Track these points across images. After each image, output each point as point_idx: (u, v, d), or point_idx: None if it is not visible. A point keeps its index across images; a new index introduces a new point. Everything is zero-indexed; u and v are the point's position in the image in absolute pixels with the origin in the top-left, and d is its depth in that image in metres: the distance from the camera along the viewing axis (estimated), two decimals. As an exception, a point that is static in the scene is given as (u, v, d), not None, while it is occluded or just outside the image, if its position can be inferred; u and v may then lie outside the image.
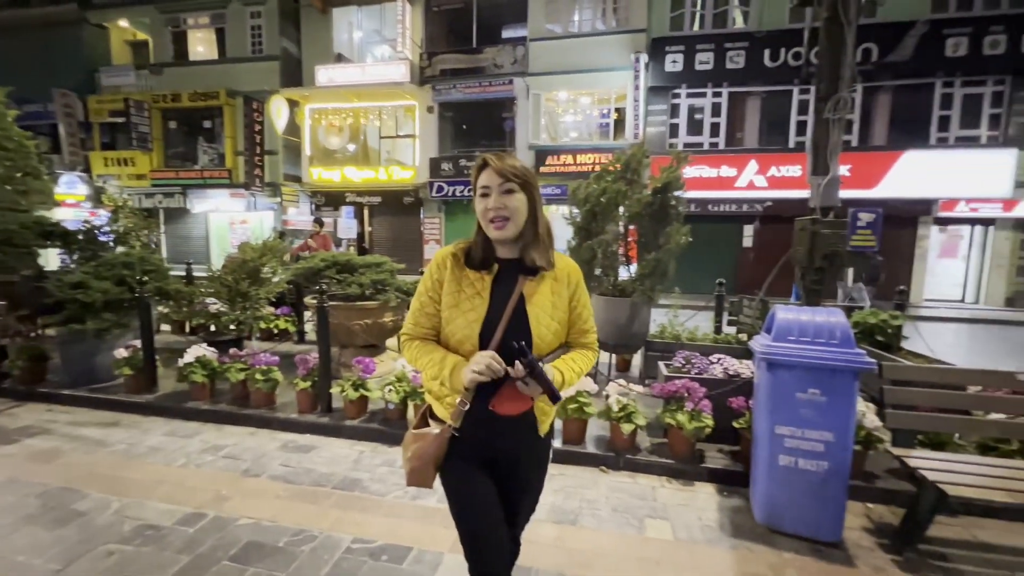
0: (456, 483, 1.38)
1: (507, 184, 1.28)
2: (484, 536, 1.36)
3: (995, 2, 11.34)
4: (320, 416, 3.66)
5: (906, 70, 11.49)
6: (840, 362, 2.32)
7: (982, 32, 11.04)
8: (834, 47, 3.82)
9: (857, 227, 3.67)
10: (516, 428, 1.37)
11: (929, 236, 12.36)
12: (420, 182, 14.22)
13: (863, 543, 2.46)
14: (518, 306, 1.31)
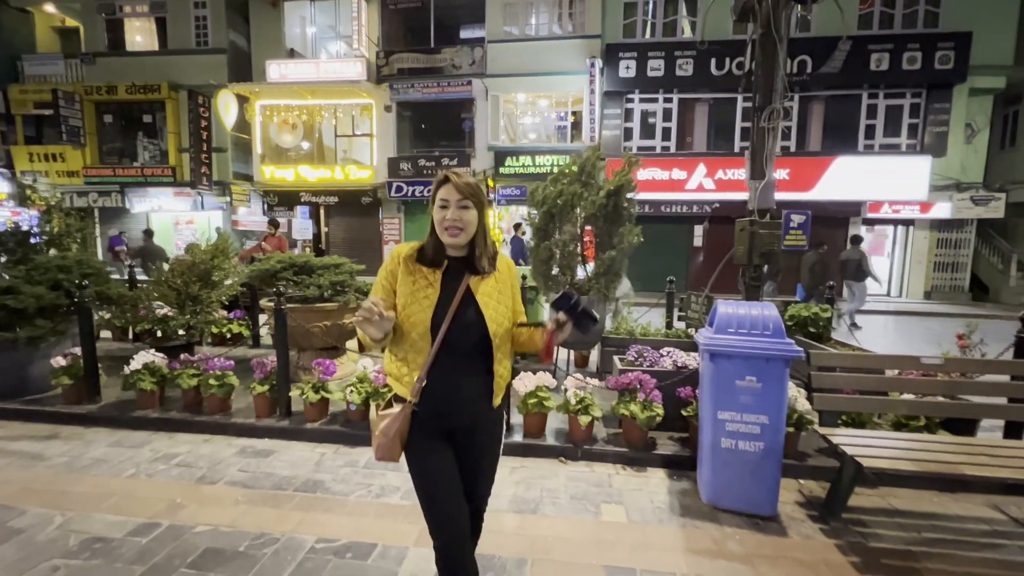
0: (419, 456, 1.55)
1: (464, 201, 1.47)
2: (444, 502, 1.52)
3: (912, 22, 12.43)
4: (279, 420, 3.61)
5: (837, 81, 12.40)
6: (773, 351, 2.55)
7: (901, 48, 12.07)
8: (768, 61, 4.13)
9: (790, 228, 4.00)
10: (472, 400, 1.54)
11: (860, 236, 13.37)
12: (378, 182, 14.00)
13: (795, 515, 2.71)
14: (467, 296, 1.52)
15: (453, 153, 13.76)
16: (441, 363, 1.49)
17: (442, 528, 1.52)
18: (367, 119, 14.34)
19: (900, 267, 13.69)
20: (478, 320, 1.50)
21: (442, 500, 1.52)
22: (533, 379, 3.39)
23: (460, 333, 1.48)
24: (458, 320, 1.49)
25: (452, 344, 1.49)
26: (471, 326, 1.50)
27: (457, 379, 1.51)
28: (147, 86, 14.52)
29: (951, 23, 12.13)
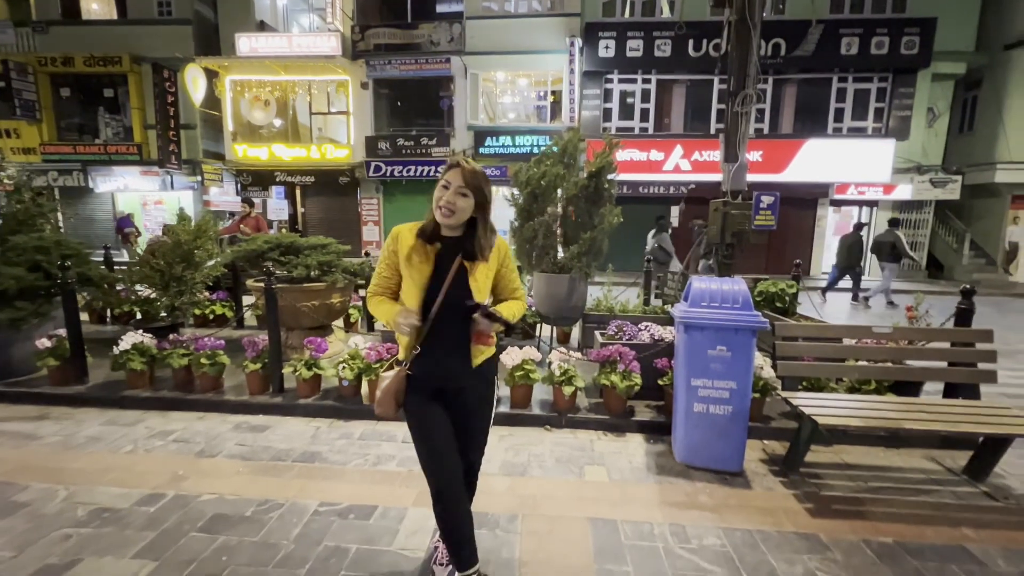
0: (415, 411, 1.76)
1: (464, 188, 1.63)
2: (440, 451, 1.73)
3: (881, 7, 12.76)
4: (272, 396, 3.71)
5: (809, 65, 12.70)
6: (741, 322, 2.77)
7: (870, 33, 12.41)
8: (742, 47, 4.29)
9: (760, 208, 4.23)
10: (455, 364, 1.74)
11: (827, 216, 13.92)
12: (356, 161, 13.79)
13: (759, 471, 2.98)
14: (459, 272, 1.68)
15: (432, 132, 13.63)
16: (433, 331, 1.67)
17: (438, 473, 1.72)
18: (343, 96, 14.02)
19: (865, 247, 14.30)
20: (466, 294, 1.67)
21: (436, 448, 1.72)
22: (519, 353, 3.57)
23: (449, 305, 1.65)
24: (451, 295, 1.66)
25: (442, 315, 1.66)
26: (459, 300, 1.66)
27: (444, 346, 1.70)
28: (107, 58, 13.82)
29: (917, 9, 12.51)
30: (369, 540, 2.28)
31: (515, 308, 1.81)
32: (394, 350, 3.65)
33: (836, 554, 2.24)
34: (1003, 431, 2.61)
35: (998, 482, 2.88)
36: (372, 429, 3.45)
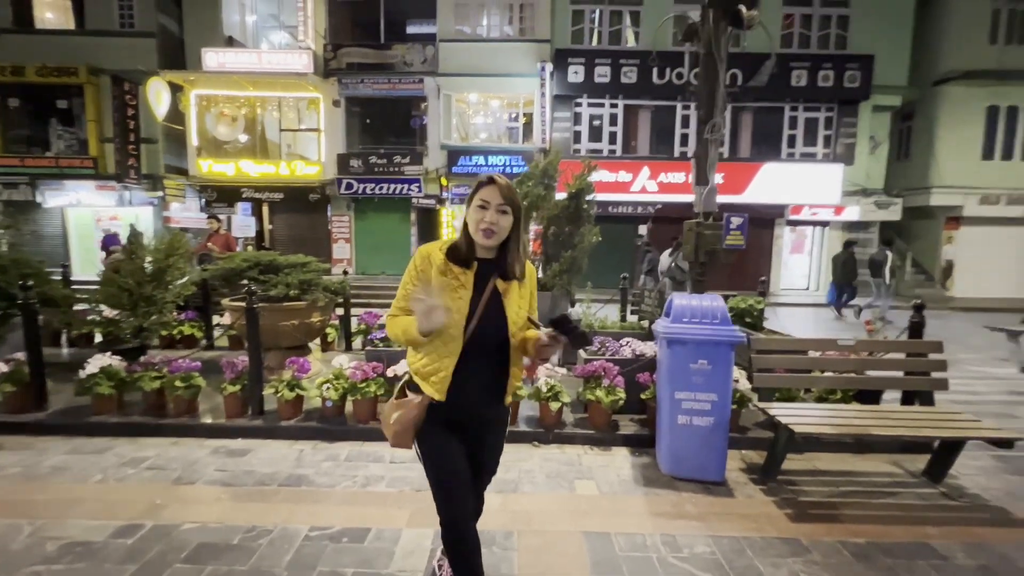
0: (431, 443, 1.64)
1: (504, 205, 1.52)
2: (455, 487, 1.63)
3: (825, 43, 13.83)
4: (252, 419, 3.60)
5: (764, 94, 13.55)
6: (721, 337, 2.93)
7: (817, 67, 13.41)
8: (710, 79, 4.57)
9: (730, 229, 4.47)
10: (488, 397, 1.64)
11: (783, 235, 14.71)
12: (327, 178, 13.64)
13: (739, 480, 3.11)
14: (493, 298, 1.57)
15: (405, 151, 13.69)
16: (465, 363, 1.55)
17: (451, 506, 1.62)
18: (314, 113, 13.91)
19: (817, 264, 15.17)
20: (502, 322, 1.57)
21: (450, 482, 1.62)
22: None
23: (486, 333, 1.55)
24: (485, 321, 1.55)
25: (478, 344, 1.55)
26: (496, 328, 1.56)
27: (478, 377, 1.58)
28: (62, 68, 13.25)
29: (857, 46, 13.62)
30: (365, 563, 2.24)
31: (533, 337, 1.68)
32: (379, 368, 3.63)
33: (816, 556, 2.36)
34: (957, 435, 2.84)
35: (953, 483, 3.11)
36: (358, 450, 3.40)
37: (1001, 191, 13.98)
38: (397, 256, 14.23)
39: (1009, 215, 14.07)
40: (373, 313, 5.70)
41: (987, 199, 14.01)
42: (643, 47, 13.55)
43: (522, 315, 1.63)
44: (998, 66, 13.59)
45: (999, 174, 13.99)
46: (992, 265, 14.19)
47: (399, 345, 1.74)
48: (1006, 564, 2.32)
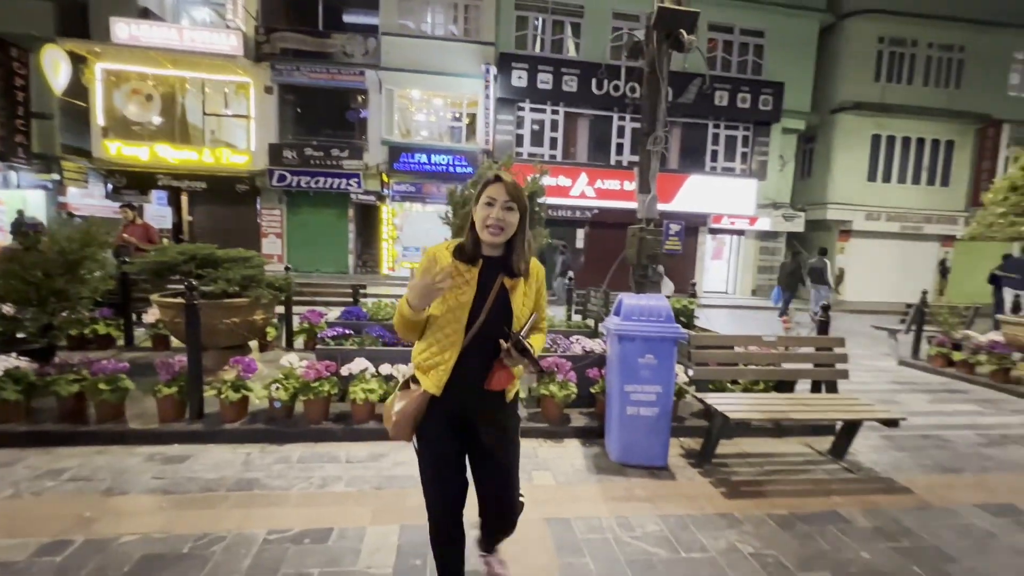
0: (428, 439, 1.65)
1: (510, 202, 1.53)
2: (442, 485, 1.66)
3: (744, 69, 15.18)
4: (191, 423, 3.37)
5: (691, 111, 14.61)
6: (667, 333, 3.19)
7: (736, 90, 14.68)
8: (653, 95, 4.92)
9: (669, 235, 4.85)
10: (493, 395, 1.62)
11: (706, 243, 15.92)
12: (257, 169, 12.82)
13: (680, 464, 3.40)
14: (500, 294, 1.58)
15: (344, 144, 13.20)
16: (468, 358, 1.55)
17: (435, 507, 1.67)
18: (243, 99, 13.02)
19: (735, 270, 16.59)
20: (507, 319, 1.57)
21: (440, 483, 1.65)
22: (463, 367, 3.67)
23: (491, 330, 1.54)
24: (491, 317, 1.55)
25: (482, 340, 1.54)
26: (500, 324, 1.56)
27: (478, 373, 1.57)
28: (-73, 26, 11.34)
29: (770, 74, 15.09)
30: (331, 562, 2.22)
31: (539, 342, 1.69)
32: (332, 367, 3.55)
33: (748, 527, 2.67)
34: (857, 416, 3.31)
35: (852, 459, 3.61)
36: (311, 451, 3.30)
37: (882, 209, 16.10)
38: (333, 253, 13.68)
39: (889, 230, 16.23)
40: (317, 311, 5.50)
41: (871, 215, 16.08)
42: (583, 58, 14.09)
43: (526, 312, 1.63)
44: (881, 100, 15.66)
45: (881, 194, 16.12)
46: (875, 273, 16.29)
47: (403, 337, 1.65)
48: (895, 524, 2.76)
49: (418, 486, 2.91)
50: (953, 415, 4.82)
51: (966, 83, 16.05)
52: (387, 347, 3.92)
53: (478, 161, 13.61)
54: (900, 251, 16.38)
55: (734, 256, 16.57)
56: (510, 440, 1.72)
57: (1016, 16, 15.96)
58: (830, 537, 2.61)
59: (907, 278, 15.92)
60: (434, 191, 13.67)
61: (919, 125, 15.95)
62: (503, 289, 1.59)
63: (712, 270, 16.38)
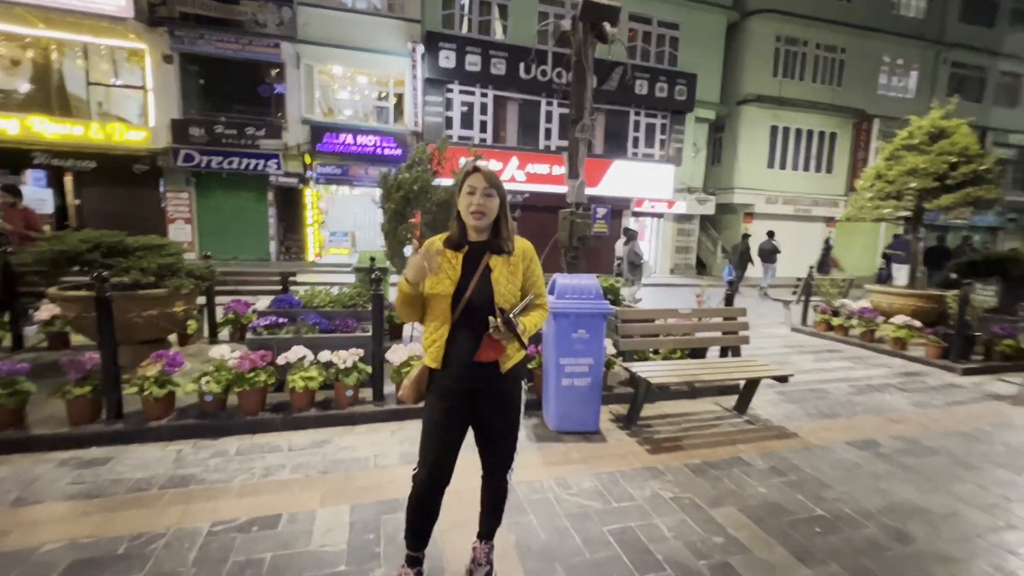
0: (430, 407, 1.82)
1: (489, 189, 1.70)
2: (436, 447, 1.79)
3: (661, 59, 16.02)
4: (109, 424, 3.14)
5: (614, 99, 15.22)
6: (597, 310, 3.46)
7: (655, 80, 15.49)
8: (579, 84, 5.16)
9: (596, 218, 5.16)
10: (484, 368, 1.75)
11: (630, 225, 16.81)
12: (159, 147, 11.58)
13: (610, 428, 3.74)
14: (484, 274, 1.74)
15: (260, 122, 12.27)
16: (459, 334, 1.72)
17: (426, 465, 1.79)
18: (137, 68, 11.63)
19: (655, 250, 17.72)
20: (490, 297, 1.71)
21: (435, 444, 1.78)
22: (405, 350, 3.73)
23: (475, 307, 1.70)
24: (475, 296, 1.71)
25: (468, 318, 1.70)
26: (484, 302, 1.70)
27: (469, 348, 1.71)
28: None
29: (685, 65, 16.06)
30: (283, 546, 2.25)
31: (535, 317, 1.80)
32: (268, 357, 3.47)
33: (669, 476, 3.03)
34: (755, 375, 3.82)
35: (753, 413, 4.16)
36: (250, 443, 3.22)
37: (779, 193, 17.91)
38: (253, 239, 12.80)
39: (784, 212, 18.10)
40: (243, 301, 5.23)
41: (770, 199, 17.83)
42: (511, 41, 14.13)
43: (512, 289, 1.76)
44: (778, 94, 17.28)
45: (778, 180, 17.90)
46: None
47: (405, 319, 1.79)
48: (785, 462, 3.27)
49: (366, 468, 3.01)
50: (831, 371, 5.65)
51: (846, 81, 18.14)
52: (325, 334, 3.87)
53: (407, 143, 13.29)
54: (794, 231, 18.35)
55: (654, 238, 17.68)
56: (508, 412, 1.86)
57: (886, 24, 18.24)
58: (735, 478, 3.04)
59: (800, 255, 17.92)
60: (362, 174, 13.17)
61: (809, 118, 17.83)
62: (488, 269, 1.74)
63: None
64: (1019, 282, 6.65)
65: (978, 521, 2.70)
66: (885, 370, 5.74)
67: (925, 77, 19.34)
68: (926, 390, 5.04)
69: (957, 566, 2.31)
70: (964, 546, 2.47)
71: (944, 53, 19.38)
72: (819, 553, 2.36)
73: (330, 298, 4.41)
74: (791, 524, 2.59)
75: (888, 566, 2.29)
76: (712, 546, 2.38)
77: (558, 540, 2.39)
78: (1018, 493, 3.01)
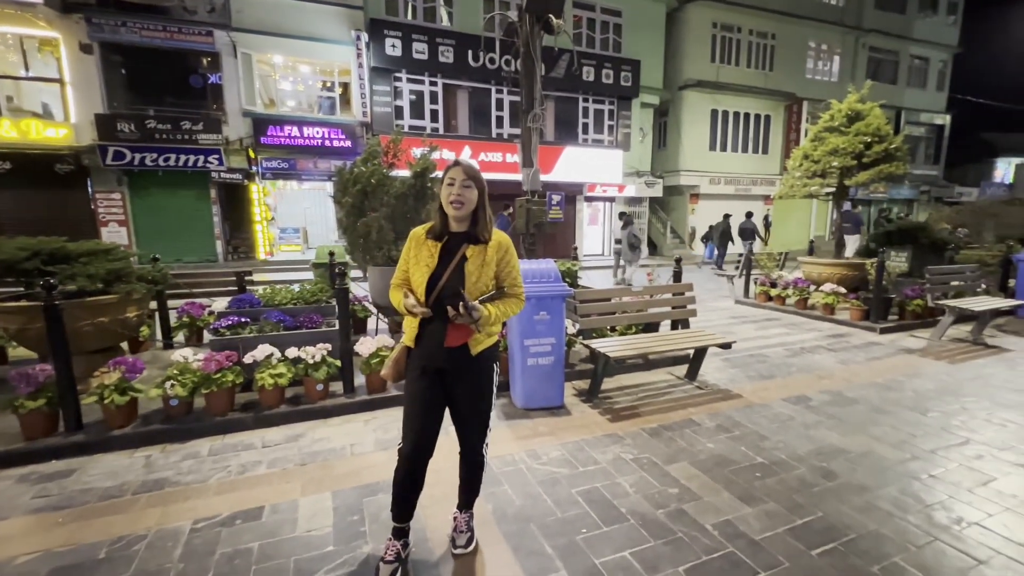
0: (408, 383, 1.99)
1: (467, 181, 1.85)
2: (416, 420, 1.93)
3: (606, 46, 16.36)
4: (68, 436, 3.06)
5: (562, 86, 15.43)
6: (556, 292, 3.67)
7: (601, 66, 15.82)
8: (528, 75, 5.31)
9: (552, 204, 5.36)
10: (455, 351, 1.91)
11: (584, 209, 17.23)
12: (82, 144, 10.75)
13: (573, 402, 3.99)
14: (459, 264, 1.88)
15: (196, 116, 11.61)
16: (432, 318, 1.88)
17: (409, 438, 1.93)
18: (52, 59, 10.69)
19: (608, 233, 18.26)
20: (463, 285, 1.85)
21: (415, 417, 1.93)
22: (373, 342, 3.81)
23: (450, 293, 1.83)
24: (449, 283, 1.85)
25: (441, 303, 1.83)
26: (459, 288, 1.83)
27: (440, 331, 1.87)
28: None
29: (629, 52, 16.48)
30: (269, 535, 2.33)
31: (507, 305, 1.93)
32: (234, 357, 3.46)
33: (628, 441, 3.31)
34: (702, 344, 4.17)
35: (702, 379, 4.53)
36: (221, 443, 3.23)
37: (721, 174, 18.84)
38: (197, 240, 12.19)
39: (726, 192, 19.08)
40: (197, 303, 5.09)
41: (713, 180, 18.73)
42: (458, 28, 14.00)
43: (485, 279, 1.89)
44: (716, 79, 18.07)
45: (719, 162, 18.81)
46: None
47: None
48: (730, 420, 3.63)
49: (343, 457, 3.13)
50: (770, 337, 6.18)
51: (777, 66, 19.20)
52: (290, 331, 3.88)
53: (356, 134, 12.99)
54: (736, 209, 19.38)
55: (607, 221, 18.21)
56: (479, 392, 2.00)
57: (810, 11, 19.38)
58: (687, 437, 3.36)
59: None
60: (310, 167, 12.78)
61: (745, 101, 18.79)
62: (463, 258, 1.89)
63: (590, 235, 17.85)
64: (927, 249, 7.46)
65: (889, 455, 3.13)
66: (816, 333, 6.33)
67: (846, 61, 20.76)
68: (850, 349, 5.62)
69: (871, 493, 2.70)
70: (877, 476, 2.88)
71: (862, 38, 20.85)
72: (758, 494, 2.69)
73: (292, 295, 4.40)
74: (735, 472, 2.91)
75: (816, 498, 2.65)
76: (668, 496, 2.66)
77: (531, 504, 2.59)
78: (922, 430, 3.50)
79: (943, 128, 24.06)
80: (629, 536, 2.33)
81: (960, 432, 3.48)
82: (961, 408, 3.91)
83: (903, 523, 2.44)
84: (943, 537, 2.34)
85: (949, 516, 2.50)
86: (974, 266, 6.98)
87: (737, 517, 2.48)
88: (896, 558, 2.19)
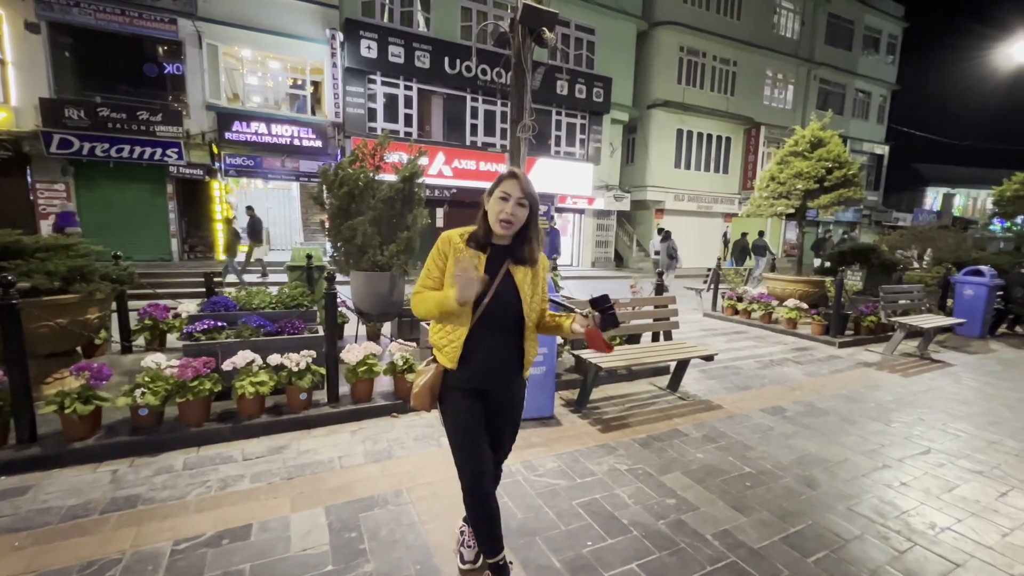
0: (452, 410, 1.80)
1: (523, 199, 1.69)
2: (471, 450, 1.78)
3: (580, 62, 16.74)
4: (21, 449, 2.78)
5: (536, 97, 15.60)
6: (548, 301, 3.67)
7: (574, 81, 16.16)
8: (519, 86, 5.35)
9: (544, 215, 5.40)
10: (504, 371, 1.79)
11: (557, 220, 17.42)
12: (23, 130, 9.91)
13: (563, 412, 3.99)
14: (507, 279, 1.74)
15: (154, 106, 10.96)
16: (478, 336, 1.72)
17: (471, 469, 1.76)
18: (-10, 36, 9.84)
19: (578, 244, 18.56)
20: (515, 303, 1.73)
21: (469, 448, 1.76)
22: (360, 350, 3.69)
23: (497, 312, 1.71)
24: (496, 300, 1.71)
25: (489, 320, 1.71)
26: (508, 307, 1.72)
27: (492, 352, 1.74)
28: None
29: (601, 68, 16.92)
30: (261, 555, 2.19)
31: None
32: (211, 363, 3.26)
33: (621, 451, 3.34)
34: (685, 356, 4.28)
35: (683, 390, 4.65)
36: (197, 456, 3.02)
37: (684, 191, 19.57)
38: (150, 238, 11.46)
39: (689, 209, 19.83)
40: (162, 305, 4.77)
41: (678, 197, 19.43)
42: (434, 35, 13.95)
43: (536, 299, 1.80)
44: (682, 100, 18.83)
45: (684, 179, 19.55)
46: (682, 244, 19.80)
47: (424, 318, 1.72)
48: (714, 431, 3.73)
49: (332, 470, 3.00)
50: (740, 350, 6.43)
51: (738, 91, 20.23)
52: (271, 336, 3.69)
53: (327, 134, 12.64)
54: (697, 225, 20.17)
55: (577, 233, 18.50)
56: (518, 410, 1.93)
57: (768, 42, 20.60)
58: (677, 448, 3.42)
59: (703, 247, 19.78)
60: (277, 166, 12.30)
61: (708, 123, 19.66)
62: (508, 274, 1.75)
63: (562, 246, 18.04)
64: (878, 269, 8.00)
65: (863, 464, 3.31)
66: (782, 347, 6.64)
67: (799, 90, 22.16)
68: (814, 361, 5.93)
69: (852, 500, 2.84)
70: (856, 484, 3.03)
71: (814, 70, 22.33)
72: (751, 503, 2.76)
73: (271, 299, 4.19)
74: (726, 482, 2.99)
75: (804, 506, 2.75)
76: (666, 507, 2.69)
77: (534, 517, 2.56)
78: (889, 440, 3.72)
79: (883, 157, 26.04)
80: (634, 548, 2.33)
81: (921, 441, 3.72)
82: (919, 419, 4.18)
83: (884, 529, 2.57)
84: (921, 542, 2.48)
85: (923, 522, 2.66)
86: (920, 286, 7.54)
87: (734, 527, 2.53)
88: (884, 564, 2.30)
